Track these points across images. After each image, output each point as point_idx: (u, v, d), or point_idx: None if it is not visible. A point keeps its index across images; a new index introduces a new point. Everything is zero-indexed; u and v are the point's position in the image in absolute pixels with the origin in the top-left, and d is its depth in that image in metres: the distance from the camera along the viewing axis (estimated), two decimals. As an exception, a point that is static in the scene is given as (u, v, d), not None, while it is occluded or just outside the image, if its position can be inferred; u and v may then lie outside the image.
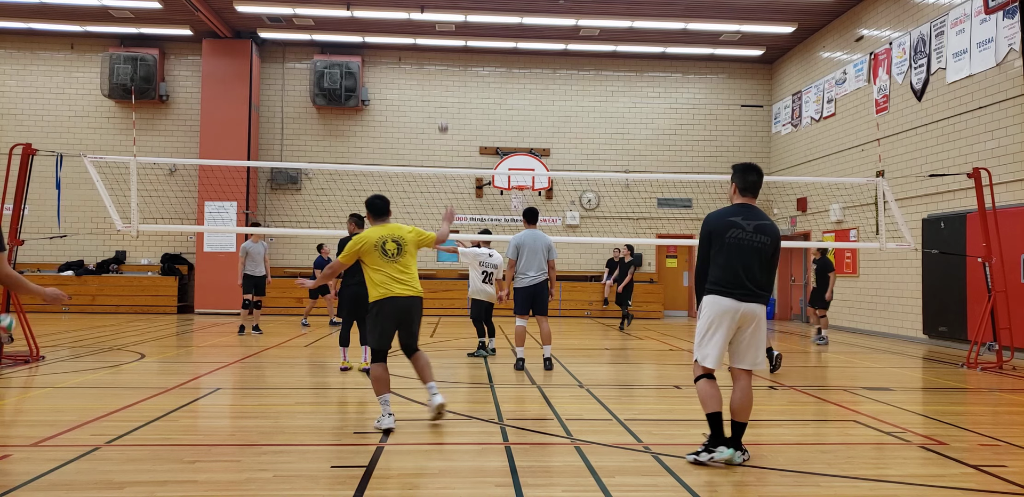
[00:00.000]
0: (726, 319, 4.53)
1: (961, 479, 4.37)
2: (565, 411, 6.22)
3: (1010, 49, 10.99)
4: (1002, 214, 10.47)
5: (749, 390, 4.63)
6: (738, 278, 4.53)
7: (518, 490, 4.03)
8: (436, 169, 18.49)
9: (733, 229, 4.59)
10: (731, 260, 4.56)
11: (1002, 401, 7.26)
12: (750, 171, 4.79)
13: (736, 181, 4.80)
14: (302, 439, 5.21)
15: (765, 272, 4.63)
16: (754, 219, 4.66)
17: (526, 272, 8.67)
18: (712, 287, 4.60)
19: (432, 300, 17.82)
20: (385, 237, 5.68)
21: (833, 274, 12.47)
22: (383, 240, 5.66)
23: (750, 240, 4.58)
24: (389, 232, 5.74)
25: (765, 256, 4.62)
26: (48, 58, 18.42)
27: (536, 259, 8.68)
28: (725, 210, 4.74)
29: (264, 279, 12.53)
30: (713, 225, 4.66)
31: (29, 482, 4.04)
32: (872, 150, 14.31)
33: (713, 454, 4.49)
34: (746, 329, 4.59)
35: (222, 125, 17.70)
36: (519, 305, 8.72)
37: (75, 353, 9.72)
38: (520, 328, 8.77)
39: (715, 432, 4.55)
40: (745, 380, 4.64)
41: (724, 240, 4.59)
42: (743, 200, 4.78)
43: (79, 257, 18.14)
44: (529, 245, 8.68)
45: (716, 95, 19.69)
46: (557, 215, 19.23)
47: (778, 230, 4.75)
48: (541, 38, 18.04)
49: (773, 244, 4.65)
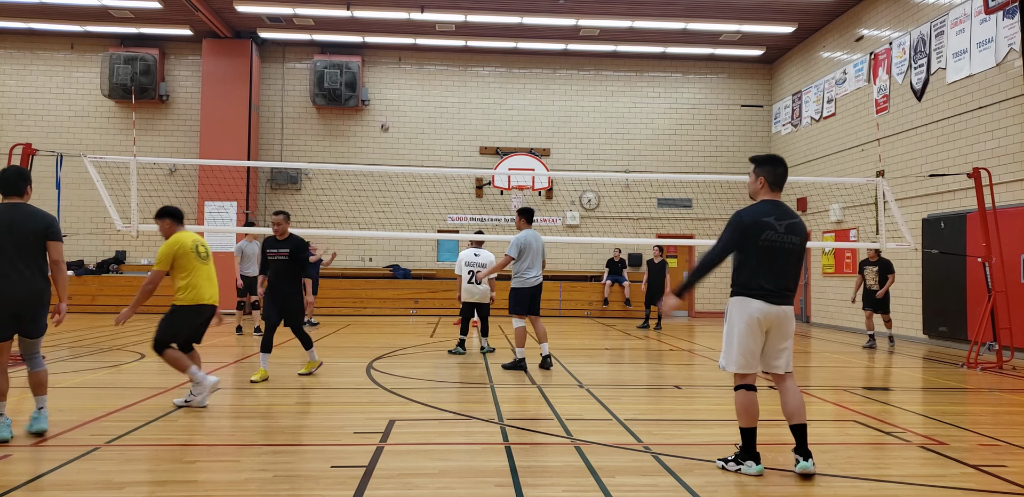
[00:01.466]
0: (756, 323, 4.36)
1: (961, 479, 4.37)
2: (565, 411, 6.22)
3: (1010, 49, 10.98)
4: (1002, 214, 10.47)
5: (796, 390, 4.45)
6: (769, 281, 4.37)
7: (518, 490, 4.03)
8: (436, 169, 18.50)
9: (767, 231, 4.38)
10: (763, 263, 4.38)
11: (1002, 401, 7.26)
12: (779, 163, 4.54)
13: (765, 175, 4.52)
14: (302, 439, 5.21)
15: (795, 273, 4.47)
16: (785, 218, 4.44)
17: (529, 272, 8.62)
18: (740, 290, 4.43)
19: (432, 300, 17.85)
20: (196, 241, 6.23)
21: (893, 275, 11.93)
22: (196, 243, 6.21)
23: (782, 241, 4.39)
24: (195, 237, 6.29)
25: (795, 257, 4.45)
26: (48, 58, 18.42)
27: (538, 260, 8.69)
28: (758, 209, 4.48)
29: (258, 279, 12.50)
30: (748, 226, 4.40)
31: (29, 482, 4.04)
32: (872, 150, 14.31)
33: (741, 467, 4.37)
34: (776, 332, 4.43)
35: (222, 125, 17.70)
36: (521, 305, 8.67)
37: (75, 353, 9.72)
38: (520, 329, 8.75)
39: (746, 445, 4.39)
40: (788, 381, 4.47)
41: (757, 242, 4.37)
42: (771, 196, 4.53)
43: (79, 257, 18.14)
44: (533, 246, 8.66)
45: (716, 95, 19.69)
46: (557, 215, 19.23)
47: (806, 228, 4.56)
48: (541, 38, 18.04)
49: (802, 244, 4.48)
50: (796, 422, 4.38)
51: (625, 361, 10.38)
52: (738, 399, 4.43)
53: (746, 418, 4.39)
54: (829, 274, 16.49)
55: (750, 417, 4.39)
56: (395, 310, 17.95)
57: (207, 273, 6.26)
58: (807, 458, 4.31)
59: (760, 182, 4.54)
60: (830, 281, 16.48)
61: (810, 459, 4.31)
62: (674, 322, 17.47)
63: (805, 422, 4.39)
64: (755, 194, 4.61)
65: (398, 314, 17.85)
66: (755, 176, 4.57)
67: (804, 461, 4.30)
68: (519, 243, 8.65)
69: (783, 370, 4.46)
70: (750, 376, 4.45)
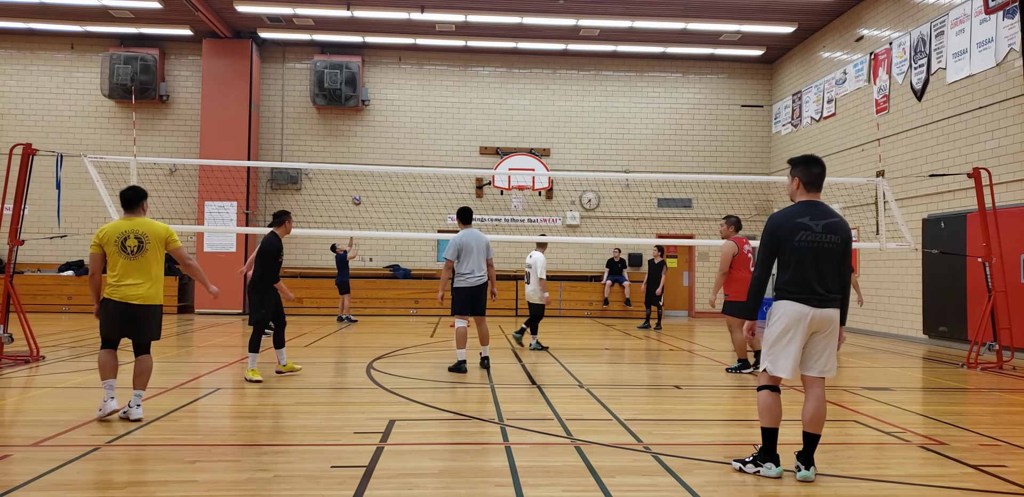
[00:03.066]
0: (801, 326, 4.26)
1: (961, 479, 4.37)
2: (565, 411, 6.22)
3: (1010, 49, 10.98)
4: (1002, 214, 10.47)
5: (823, 400, 4.35)
6: (810, 283, 4.26)
7: (518, 490, 4.03)
8: (436, 169, 18.49)
9: (802, 231, 4.28)
10: (802, 264, 4.27)
11: (1002, 401, 7.26)
12: (813, 163, 4.44)
13: (799, 175, 4.43)
14: (302, 439, 5.21)
15: (838, 274, 4.34)
16: (823, 217, 4.33)
17: (468, 273, 8.48)
18: (783, 292, 4.33)
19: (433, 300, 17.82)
20: (128, 232, 5.60)
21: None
22: (125, 235, 5.58)
23: (820, 241, 4.27)
24: (133, 227, 5.63)
25: (836, 257, 4.32)
26: (48, 58, 18.42)
27: (478, 259, 8.51)
28: (791, 210, 4.39)
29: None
30: (780, 228, 4.31)
31: (29, 482, 4.04)
32: (872, 150, 14.31)
33: (760, 468, 4.32)
34: (819, 335, 4.32)
35: (222, 125, 17.70)
36: (460, 306, 8.52)
37: (75, 353, 9.72)
38: (461, 329, 8.57)
39: (767, 447, 4.33)
40: (819, 389, 4.36)
41: (793, 244, 4.28)
42: (808, 196, 4.42)
43: (79, 257, 18.13)
44: (469, 246, 8.49)
45: (716, 95, 19.70)
46: (557, 215, 19.24)
47: (849, 227, 4.43)
48: (541, 38, 18.04)
49: (844, 243, 4.34)
50: (811, 431, 4.32)
51: (625, 361, 10.38)
52: (762, 399, 4.37)
53: (769, 418, 4.33)
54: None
55: (773, 418, 4.32)
56: (395, 310, 17.95)
57: (135, 267, 5.59)
58: (808, 467, 4.28)
59: (796, 183, 4.46)
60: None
61: (812, 468, 4.28)
62: (674, 322, 17.48)
63: (819, 433, 4.32)
64: (793, 195, 4.52)
65: (398, 314, 17.85)
66: (791, 178, 4.50)
67: (805, 469, 4.28)
68: (455, 244, 8.50)
69: (820, 373, 4.36)
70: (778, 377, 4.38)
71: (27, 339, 8.90)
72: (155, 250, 5.67)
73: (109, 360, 5.71)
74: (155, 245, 5.68)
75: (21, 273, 17.13)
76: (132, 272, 5.59)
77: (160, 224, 5.79)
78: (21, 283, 15.75)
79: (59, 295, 17.28)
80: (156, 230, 5.72)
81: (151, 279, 5.66)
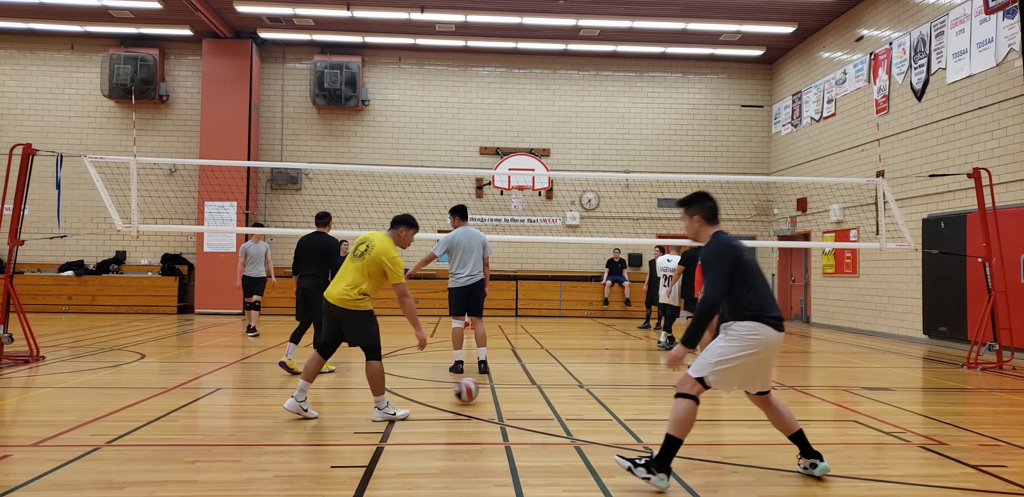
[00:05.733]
0: (769, 350, 4.22)
1: (961, 479, 4.37)
2: (565, 411, 6.22)
3: (1010, 49, 10.98)
4: (1002, 214, 10.47)
5: (780, 402, 4.40)
6: (773, 306, 4.25)
7: (518, 490, 4.03)
8: (436, 169, 18.50)
9: (745, 251, 4.30)
10: (761, 285, 4.26)
11: (1002, 401, 7.26)
12: (707, 198, 4.45)
13: (703, 213, 4.41)
14: (302, 439, 5.21)
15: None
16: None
17: (461, 272, 8.34)
18: (756, 314, 4.18)
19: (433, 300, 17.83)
20: (361, 240, 6.20)
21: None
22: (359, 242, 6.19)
23: (755, 263, 4.34)
24: (366, 238, 6.22)
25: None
26: (48, 58, 18.41)
27: (471, 258, 8.34)
28: (728, 236, 4.38)
29: (262, 280, 12.52)
30: (735, 251, 4.25)
31: (29, 482, 4.04)
32: (872, 150, 14.31)
33: (652, 477, 4.05)
34: (773, 357, 4.38)
35: (222, 125, 17.69)
36: (454, 306, 8.45)
37: (75, 353, 9.72)
38: (457, 330, 8.54)
39: (667, 457, 4.10)
40: (771, 397, 4.39)
41: (747, 265, 4.24)
42: (716, 228, 4.43)
43: (79, 257, 18.14)
44: (464, 244, 8.33)
45: (716, 95, 19.69)
46: (557, 215, 19.23)
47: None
48: (541, 38, 18.04)
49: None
50: (794, 431, 4.34)
51: (625, 361, 10.38)
52: (685, 408, 4.15)
53: (683, 429, 4.14)
54: (829, 274, 16.49)
55: (687, 429, 4.15)
56: (395, 310, 17.82)
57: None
58: (822, 458, 4.31)
59: (697, 220, 4.43)
60: (830, 281, 16.49)
61: (824, 459, 4.31)
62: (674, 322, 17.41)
63: (801, 428, 4.36)
64: (696, 235, 4.47)
65: (398, 314, 17.77)
66: (688, 217, 4.46)
67: (821, 462, 4.29)
68: (446, 241, 8.37)
69: (766, 388, 4.35)
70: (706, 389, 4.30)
71: (27, 339, 8.90)
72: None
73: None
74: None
75: (21, 273, 17.12)
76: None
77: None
78: (21, 283, 15.75)
79: (59, 295, 17.28)
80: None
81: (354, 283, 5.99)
